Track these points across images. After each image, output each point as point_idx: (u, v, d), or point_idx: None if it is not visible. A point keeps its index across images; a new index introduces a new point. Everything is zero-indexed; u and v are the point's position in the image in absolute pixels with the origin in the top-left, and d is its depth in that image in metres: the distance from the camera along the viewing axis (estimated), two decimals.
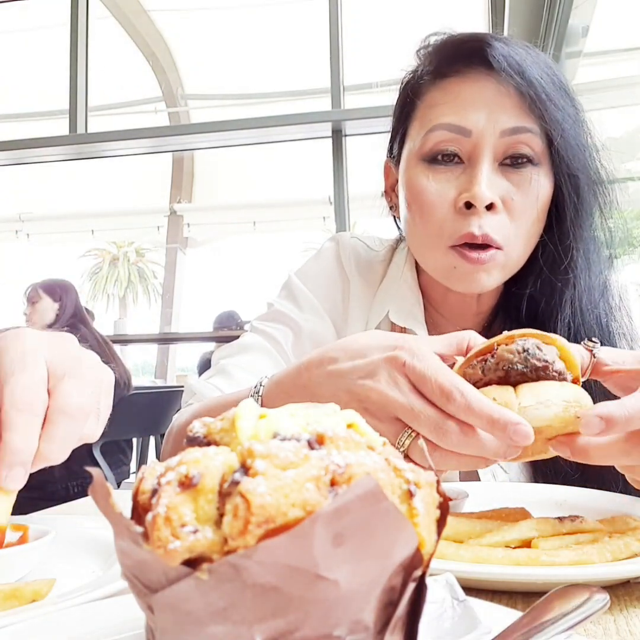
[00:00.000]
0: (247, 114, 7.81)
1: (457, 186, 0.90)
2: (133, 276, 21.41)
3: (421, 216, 0.92)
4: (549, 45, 2.77)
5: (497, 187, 0.88)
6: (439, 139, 0.90)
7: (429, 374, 0.57)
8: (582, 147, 0.90)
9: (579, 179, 0.90)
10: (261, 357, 1.01)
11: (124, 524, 0.28)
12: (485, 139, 0.88)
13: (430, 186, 0.91)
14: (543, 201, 0.90)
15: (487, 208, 0.87)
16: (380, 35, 5.92)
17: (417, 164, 0.93)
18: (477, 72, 0.90)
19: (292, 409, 0.33)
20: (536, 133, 0.88)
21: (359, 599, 0.28)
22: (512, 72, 0.86)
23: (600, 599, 0.40)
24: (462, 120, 0.89)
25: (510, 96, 0.88)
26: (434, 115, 0.91)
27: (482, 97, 0.89)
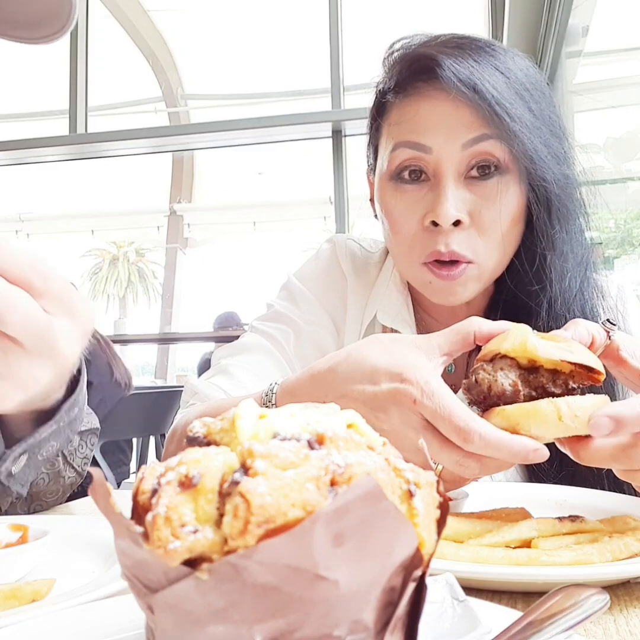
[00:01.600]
0: (247, 114, 7.81)
1: (423, 206, 0.91)
2: (133, 276, 21.41)
3: (393, 234, 0.95)
4: (549, 45, 2.78)
5: (463, 202, 0.88)
6: (402, 158, 0.92)
7: (442, 414, 0.56)
8: (547, 155, 0.88)
9: (547, 188, 0.88)
10: (262, 356, 1.01)
11: (124, 524, 0.28)
12: (447, 155, 0.88)
13: (398, 206, 0.93)
14: (513, 209, 0.90)
15: (454, 224, 0.88)
16: (381, 35, 5.92)
17: (386, 184, 0.95)
18: (433, 88, 0.90)
19: (292, 409, 0.33)
20: (498, 138, 0.87)
21: (359, 599, 0.28)
22: (463, 88, 0.86)
23: (600, 599, 0.40)
24: (421, 137, 0.90)
25: (467, 108, 0.87)
26: (396, 134, 0.93)
27: (439, 113, 0.89)
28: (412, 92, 0.92)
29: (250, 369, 0.99)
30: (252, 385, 0.96)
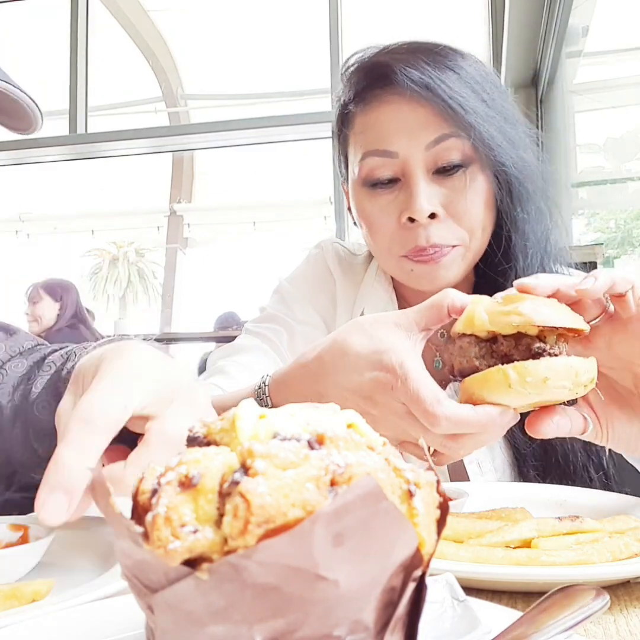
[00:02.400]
0: (247, 114, 7.82)
1: (398, 205, 0.94)
2: (133, 276, 21.41)
3: (371, 235, 0.99)
4: (549, 45, 2.78)
5: (434, 196, 0.92)
6: (371, 166, 0.95)
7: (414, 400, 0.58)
8: (503, 142, 0.92)
9: (506, 172, 0.93)
10: (258, 356, 1.04)
11: (124, 524, 0.28)
12: (413, 157, 0.92)
13: (373, 209, 0.97)
14: (482, 196, 0.94)
15: (430, 217, 0.91)
16: (380, 35, 5.92)
17: (360, 190, 0.99)
18: (390, 94, 0.94)
19: (292, 409, 0.33)
20: (458, 136, 0.91)
21: (359, 599, 0.28)
22: (417, 88, 0.90)
23: (600, 599, 0.40)
24: (386, 144, 0.94)
25: (424, 109, 0.91)
26: (362, 143, 0.97)
27: (399, 118, 0.93)
28: (371, 100, 0.96)
29: (246, 368, 1.01)
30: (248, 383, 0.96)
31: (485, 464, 0.98)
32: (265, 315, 1.11)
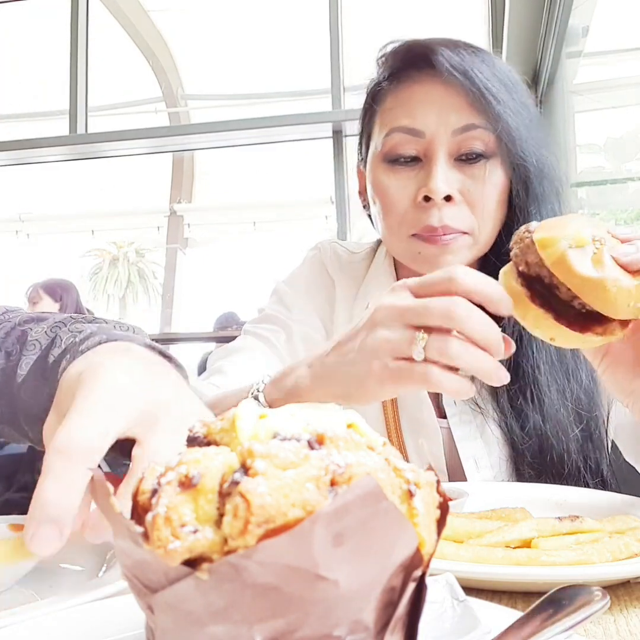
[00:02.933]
0: (247, 114, 7.82)
1: (416, 182, 0.96)
2: (133, 276, 21.40)
3: (385, 211, 0.99)
4: (549, 45, 2.78)
5: (453, 180, 0.94)
6: (395, 141, 0.97)
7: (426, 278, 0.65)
8: (527, 138, 0.95)
9: (526, 167, 0.95)
10: (255, 356, 1.05)
11: (124, 524, 0.28)
12: (438, 139, 0.94)
13: (391, 184, 0.98)
14: (499, 189, 0.96)
15: (445, 199, 0.93)
16: (380, 35, 5.91)
17: (379, 164, 0.99)
18: (425, 75, 0.96)
19: (292, 409, 0.33)
20: (485, 127, 0.93)
21: (359, 599, 0.28)
22: (455, 72, 0.92)
23: (600, 599, 0.40)
24: (415, 122, 0.95)
25: (458, 95, 0.94)
26: (390, 119, 0.98)
27: (431, 98, 0.95)
28: (405, 79, 0.98)
29: (243, 368, 1.02)
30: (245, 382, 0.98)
31: (482, 460, 0.99)
32: (263, 316, 1.12)
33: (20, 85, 7.78)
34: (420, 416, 1.01)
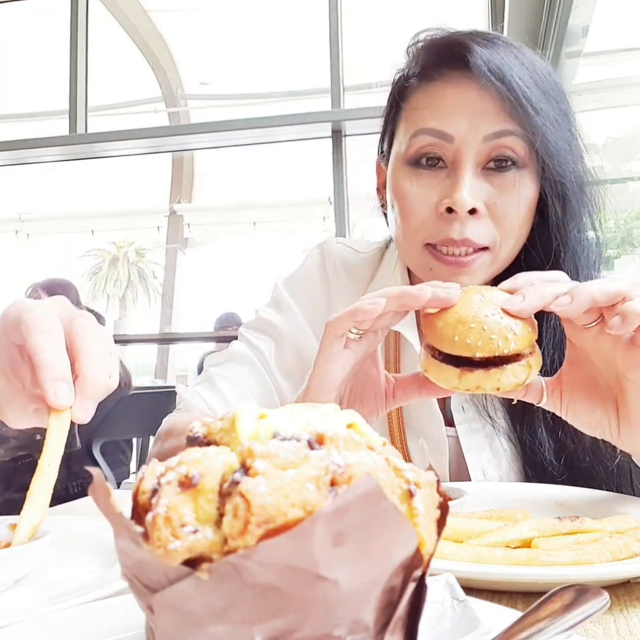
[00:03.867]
0: (247, 114, 7.81)
1: (440, 191, 0.90)
2: (133, 276, 21.40)
3: (403, 216, 0.93)
4: (549, 45, 2.77)
5: (480, 192, 0.88)
6: (422, 144, 0.91)
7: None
8: (568, 147, 0.89)
9: (564, 184, 0.89)
10: (245, 368, 1.04)
11: (124, 524, 0.28)
12: (468, 145, 0.88)
13: (413, 190, 0.91)
14: (528, 204, 0.90)
15: (470, 212, 0.87)
16: (380, 35, 5.92)
17: (402, 167, 0.93)
18: (460, 75, 0.89)
19: (292, 409, 0.33)
20: (519, 135, 0.87)
21: (359, 599, 0.28)
22: (492, 78, 0.86)
23: (600, 599, 0.40)
24: (444, 125, 0.89)
25: (493, 100, 0.87)
26: (418, 119, 0.92)
27: (464, 102, 0.89)
28: (437, 77, 0.91)
29: (232, 380, 1.02)
30: (230, 394, 1.00)
31: (491, 472, 0.96)
32: (257, 320, 1.09)
33: (20, 85, 7.78)
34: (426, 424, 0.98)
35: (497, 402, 0.96)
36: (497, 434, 0.96)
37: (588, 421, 0.73)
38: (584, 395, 0.72)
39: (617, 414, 0.71)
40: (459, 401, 0.98)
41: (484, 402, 0.97)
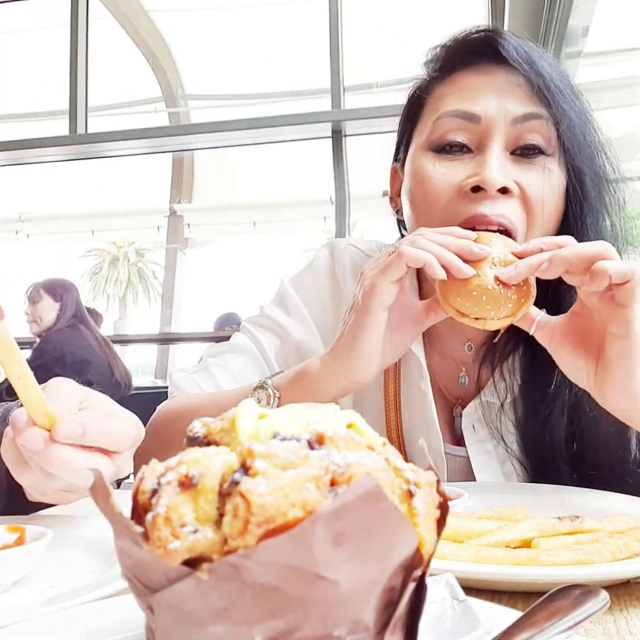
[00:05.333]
0: (247, 114, 7.80)
1: (465, 171, 0.85)
2: (133, 276, 21.41)
3: (424, 204, 0.88)
4: (549, 45, 2.77)
5: (509, 172, 0.84)
6: (446, 127, 0.87)
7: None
8: (588, 141, 0.89)
9: (584, 173, 0.87)
10: (246, 360, 1.02)
11: (124, 524, 0.28)
12: (496, 126, 0.85)
13: (435, 172, 0.86)
14: (558, 192, 0.87)
15: (500, 192, 0.83)
16: (380, 35, 5.92)
17: (424, 154, 0.89)
18: (486, 62, 0.88)
19: (292, 409, 0.33)
20: (547, 119, 0.85)
21: (359, 599, 0.28)
22: (522, 62, 0.85)
23: (600, 599, 0.40)
24: (470, 106, 0.86)
25: (520, 85, 0.86)
26: (442, 104, 0.88)
27: (491, 85, 0.87)
28: (461, 67, 0.90)
29: (230, 370, 1.01)
30: (226, 385, 0.99)
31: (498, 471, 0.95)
32: (262, 316, 1.07)
33: (20, 85, 7.78)
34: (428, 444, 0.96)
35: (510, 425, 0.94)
36: (510, 457, 0.94)
37: (569, 368, 0.78)
38: (572, 344, 0.77)
39: (596, 368, 0.75)
40: (470, 420, 0.96)
41: (498, 423, 0.94)
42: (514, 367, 0.95)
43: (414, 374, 0.96)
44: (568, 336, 0.78)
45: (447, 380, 1.01)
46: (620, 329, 0.72)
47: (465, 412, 0.97)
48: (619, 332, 0.72)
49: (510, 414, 0.95)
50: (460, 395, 1.00)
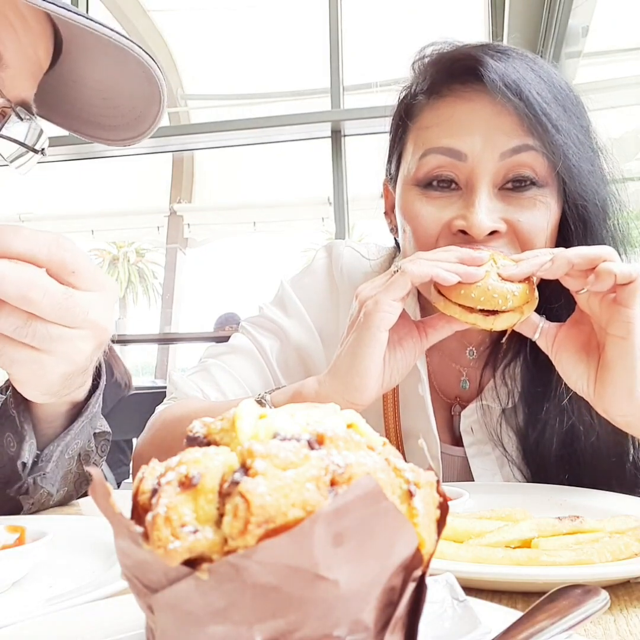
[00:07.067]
0: (247, 114, 7.82)
1: (453, 211, 0.84)
2: (133, 276, 21.42)
3: (415, 239, 0.87)
4: (549, 45, 2.78)
5: (497, 211, 0.82)
6: (433, 165, 0.85)
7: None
8: (589, 172, 0.84)
9: (586, 207, 0.84)
10: (245, 361, 1.02)
11: (124, 524, 0.28)
12: (483, 163, 0.82)
13: (423, 209, 0.86)
14: (551, 224, 0.84)
15: (490, 235, 0.82)
16: (380, 35, 5.92)
17: (411, 189, 0.88)
18: (472, 90, 0.84)
19: (292, 409, 0.33)
20: (539, 150, 0.81)
21: (359, 599, 0.28)
22: (509, 93, 0.80)
23: (600, 599, 0.40)
24: (456, 143, 0.83)
25: (509, 115, 0.81)
26: (427, 138, 0.86)
27: (477, 117, 0.83)
28: (447, 93, 0.85)
29: (229, 371, 1.01)
30: (226, 387, 0.99)
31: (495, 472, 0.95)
32: (261, 317, 1.07)
33: None
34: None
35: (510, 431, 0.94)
36: (509, 463, 0.94)
37: (570, 374, 0.78)
38: (574, 350, 0.78)
39: (596, 374, 0.76)
40: (468, 422, 0.96)
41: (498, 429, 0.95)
42: (515, 373, 0.95)
43: (412, 378, 0.96)
44: (569, 342, 0.79)
45: (447, 381, 1.01)
46: (622, 330, 0.72)
47: (464, 414, 0.97)
48: (620, 333, 0.72)
49: (511, 420, 0.95)
50: (459, 395, 1.01)
